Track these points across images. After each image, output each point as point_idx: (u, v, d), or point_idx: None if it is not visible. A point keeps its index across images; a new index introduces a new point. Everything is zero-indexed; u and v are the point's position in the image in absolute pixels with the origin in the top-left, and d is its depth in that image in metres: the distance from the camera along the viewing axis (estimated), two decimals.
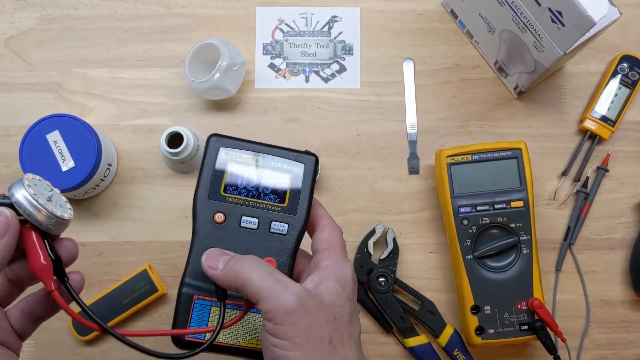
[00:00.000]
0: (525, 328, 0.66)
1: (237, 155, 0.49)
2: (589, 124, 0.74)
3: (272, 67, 0.77)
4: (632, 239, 0.73)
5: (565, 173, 0.74)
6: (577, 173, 0.74)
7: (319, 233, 0.49)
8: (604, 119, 0.73)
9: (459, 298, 0.69)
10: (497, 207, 0.67)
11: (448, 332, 0.70)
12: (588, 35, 0.61)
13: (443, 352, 0.70)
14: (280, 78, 0.76)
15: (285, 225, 0.48)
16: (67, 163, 0.66)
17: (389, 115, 0.76)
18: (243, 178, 0.49)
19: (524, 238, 0.67)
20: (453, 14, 0.77)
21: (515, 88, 0.75)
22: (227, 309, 0.45)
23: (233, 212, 0.48)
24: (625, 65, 0.74)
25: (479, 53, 0.77)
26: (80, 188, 0.68)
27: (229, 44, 0.71)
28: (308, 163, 0.49)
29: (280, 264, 0.47)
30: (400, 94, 0.76)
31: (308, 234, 0.50)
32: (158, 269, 0.72)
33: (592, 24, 0.57)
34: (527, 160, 0.68)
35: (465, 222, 0.67)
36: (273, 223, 0.48)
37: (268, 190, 0.49)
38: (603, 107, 0.74)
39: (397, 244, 0.71)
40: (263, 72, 0.76)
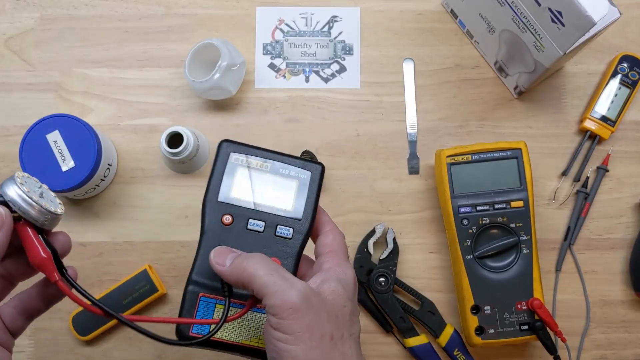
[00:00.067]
0: (525, 328, 0.66)
1: (246, 161, 0.51)
2: (589, 124, 0.74)
3: (272, 67, 0.77)
4: (632, 239, 0.73)
5: (565, 173, 0.74)
6: (577, 173, 0.74)
7: (323, 238, 0.50)
8: (604, 119, 0.73)
9: (459, 298, 0.69)
10: (497, 207, 0.67)
11: (448, 332, 0.70)
12: (588, 35, 0.61)
13: (443, 352, 0.70)
14: (280, 78, 0.76)
15: (291, 230, 0.49)
16: (67, 163, 0.66)
17: (389, 115, 0.76)
18: (252, 182, 0.50)
19: (524, 238, 0.67)
20: (453, 14, 0.77)
21: (515, 88, 0.75)
22: (230, 307, 0.46)
23: (241, 214, 0.49)
24: (625, 65, 0.74)
25: (479, 53, 0.77)
26: (80, 188, 0.68)
27: (229, 44, 0.71)
28: (315, 171, 0.51)
29: (285, 266, 0.48)
30: (400, 94, 0.76)
31: (311, 239, 0.52)
32: (158, 269, 0.72)
33: (592, 24, 0.57)
34: (527, 160, 0.68)
35: (465, 222, 0.67)
36: (279, 227, 0.49)
37: (275, 195, 0.50)
38: (603, 107, 0.74)
39: (397, 244, 0.71)
40: (263, 72, 0.76)
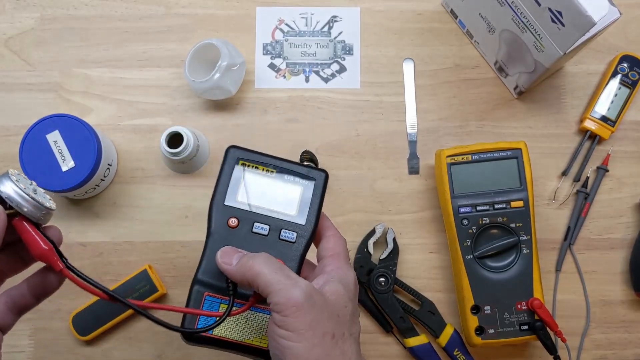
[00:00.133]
0: (525, 328, 0.66)
1: (253, 166, 0.52)
2: (589, 124, 0.74)
3: (272, 67, 0.77)
4: (632, 239, 0.73)
5: (565, 173, 0.74)
6: (577, 173, 0.74)
7: (325, 242, 0.52)
8: (604, 119, 0.73)
9: (459, 298, 0.69)
10: (497, 207, 0.67)
11: (448, 332, 0.70)
12: (588, 35, 0.61)
13: (443, 352, 0.70)
14: (280, 78, 0.76)
15: (294, 234, 0.51)
16: (67, 163, 0.66)
17: (389, 115, 0.76)
18: (257, 187, 0.51)
19: (524, 238, 0.67)
20: (453, 14, 0.77)
21: (515, 88, 0.75)
22: (234, 307, 0.47)
23: (246, 218, 0.51)
24: (625, 65, 0.74)
25: (479, 53, 0.77)
26: (80, 188, 0.68)
27: (229, 44, 0.71)
28: (319, 178, 0.53)
29: None
30: (400, 94, 0.76)
31: (314, 244, 0.53)
32: (158, 269, 0.72)
33: (592, 24, 0.57)
34: (527, 160, 0.68)
35: (465, 222, 0.67)
36: (283, 231, 0.51)
37: (280, 201, 0.51)
38: (603, 107, 0.74)
39: (397, 244, 0.71)
40: (263, 72, 0.76)
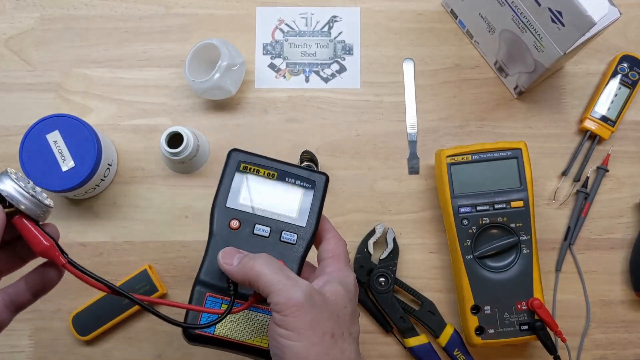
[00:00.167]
0: (525, 328, 0.66)
1: (254, 170, 0.53)
2: (589, 124, 0.74)
3: (272, 67, 0.77)
4: (632, 239, 0.73)
5: (565, 173, 0.74)
6: (577, 173, 0.74)
7: (325, 244, 0.52)
8: (604, 119, 0.73)
9: (459, 298, 0.69)
10: (497, 207, 0.67)
11: (448, 332, 0.70)
12: (588, 35, 0.61)
13: (443, 352, 0.70)
14: (280, 78, 0.76)
15: (295, 236, 0.51)
16: (67, 163, 0.66)
17: (389, 115, 0.75)
18: (259, 190, 0.52)
19: (524, 238, 0.67)
20: (453, 14, 0.77)
21: (515, 88, 0.75)
22: (234, 307, 0.48)
23: (248, 219, 0.51)
24: (625, 65, 0.74)
25: (479, 53, 0.77)
26: (80, 188, 0.68)
27: (229, 44, 0.71)
28: (319, 181, 0.53)
29: None
30: (400, 94, 0.76)
31: (314, 246, 0.53)
32: (158, 269, 0.72)
33: (592, 24, 0.57)
34: (527, 160, 0.68)
35: (465, 222, 0.67)
36: (284, 233, 0.51)
37: (281, 203, 0.52)
38: (603, 107, 0.74)
39: (397, 244, 0.71)
40: (263, 72, 0.76)
